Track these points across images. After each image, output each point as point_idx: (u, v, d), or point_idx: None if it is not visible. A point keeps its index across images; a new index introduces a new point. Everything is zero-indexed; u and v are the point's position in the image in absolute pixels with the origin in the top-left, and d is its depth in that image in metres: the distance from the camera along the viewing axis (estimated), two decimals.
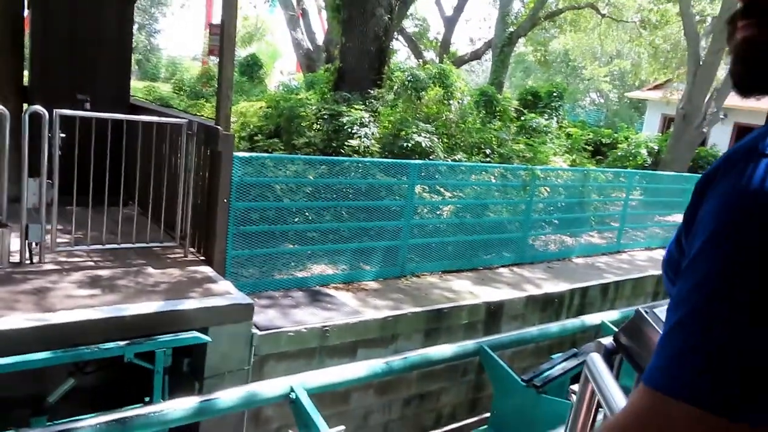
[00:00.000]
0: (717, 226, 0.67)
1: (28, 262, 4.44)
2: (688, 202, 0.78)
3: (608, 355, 1.25)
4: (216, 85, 15.39)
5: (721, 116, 14.80)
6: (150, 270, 4.76)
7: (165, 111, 6.86)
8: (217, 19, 32.07)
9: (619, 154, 12.19)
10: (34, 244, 4.44)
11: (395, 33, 12.89)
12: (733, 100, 15.40)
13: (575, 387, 1.40)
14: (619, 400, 1.08)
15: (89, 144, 4.74)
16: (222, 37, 5.03)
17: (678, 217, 10.61)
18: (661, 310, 1.21)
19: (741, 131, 19.75)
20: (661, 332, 1.19)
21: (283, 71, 31.91)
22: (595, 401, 1.26)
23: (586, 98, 37.09)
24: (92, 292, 4.13)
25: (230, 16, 5.05)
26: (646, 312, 1.21)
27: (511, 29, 16.11)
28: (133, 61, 7.55)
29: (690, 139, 13.66)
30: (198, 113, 10.04)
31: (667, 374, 0.67)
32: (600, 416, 1.53)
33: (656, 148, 14.29)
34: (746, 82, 0.79)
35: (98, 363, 3.74)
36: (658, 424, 0.66)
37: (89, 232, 4.82)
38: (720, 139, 18.21)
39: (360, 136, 7.53)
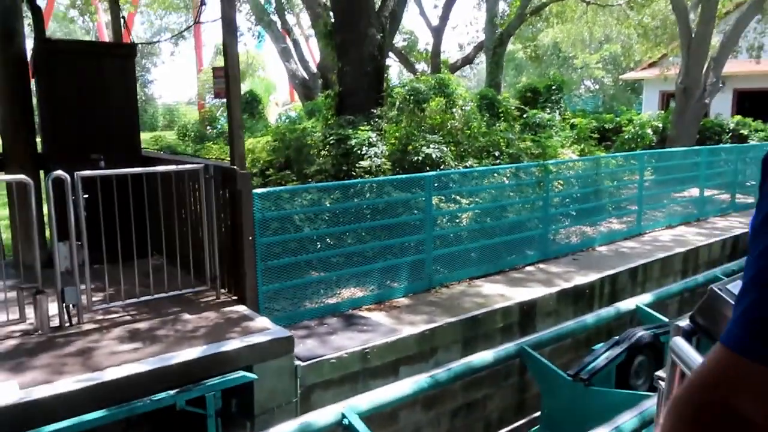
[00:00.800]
0: None
1: (67, 324, 4.52)
2: (763, 169, 0.82)
3: (687, 337, 1.28)
4: (218, 126, 15.62)
5: (720, 85, 14.76)
6: (186, 316, 4.83)
7: (178, 158, 6.98)
8: (207, 62, 32.60)
9: (626, 137, 12.18)
10: (71, 306, 4.53)
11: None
12: (729, 67, 15.37)
13: (660, 373, 1.42)
14: None
15: (112, 201, 4.85)
16: (227, 80, 5.13)
17: (693, 191, 10.58)
18: (734, 285, 1.24)
19: (741, 97, 19.66)
20: None
21: (278, 103, 32.27)
22: None
23: (581, 87, 37.06)
24: (135, 345, 4.20)
25: (233, 59, 5.17)
26: (720, 290, 1.24)
27: (501, 30, 16.20)
28: None
29: (693, 112, 13.63)
30: (207, 156, 10.18)
31: (735, 334, 0.72)
32: None
33: (660, 126, 14.25)
34: None
35: (150, 415, 3.79)
36: (729, 380, 0.71)
37: (122, 287, 4.90)
38: (722, 108, 18.12)
39: (370, 156, 7.60)
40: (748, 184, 11.55)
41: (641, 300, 6.35)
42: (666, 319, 5.96)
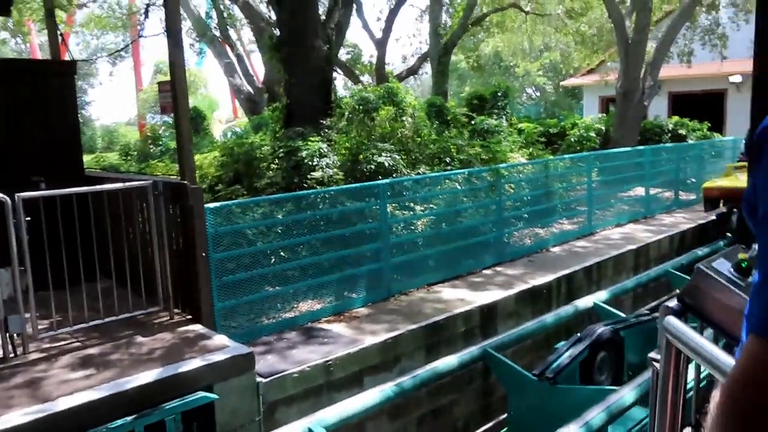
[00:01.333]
0: None
1: (12, 355, 4.25)
2: (753, 151, 0.80)
3: (677, 316, 1.27)
4: (161, 144, 15.22)
5: (657, 88, 15.38)
6: (140, 339, 4.62)
7: (124, 176, 6.73)
8: (147, 82, 31.90)
9: (572, 140, 12.51)
10: (15, 335, 4.26)
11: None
12: (663, 72, 16.03)
13: (654, 354, 1.41)
14: (713, 349, 1.10)
15: (56, 223, 4.61)
16: (174, 94, 4.98)
17: (639, 191, 10.93)
18: (719, 263, 1.24)
19: (675, 99, 20.53)
20: (724, 283, 1.22)
21: (221, 120, 31.83)
22: (682, 360, 1.27)
23: (523, 95, 37.98)
24: (86, 372, 3.98)
25: (179, 73, 5.02)
26: (706, 268, 1.24)
27: (445, 40, 16.43)
28: None
29: (634, 114, 14.13)
30: (153, 174, 9.88)
31: (766, 320, 0.69)
32: (691, 371, 1.55)
33: (603, 128, 14.70)
34: None
35: None
36: (763, 365, 0.67)
37: (70, 312, 4.65)
38: (659, 110, 18.85)
39: (322, 167, 7.52)
40: (689, 181, 12.01)
41: (598, 297, 6.48)
42: (623, 315, 6.09)
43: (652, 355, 1.40)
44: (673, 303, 1.31)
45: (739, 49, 16.57)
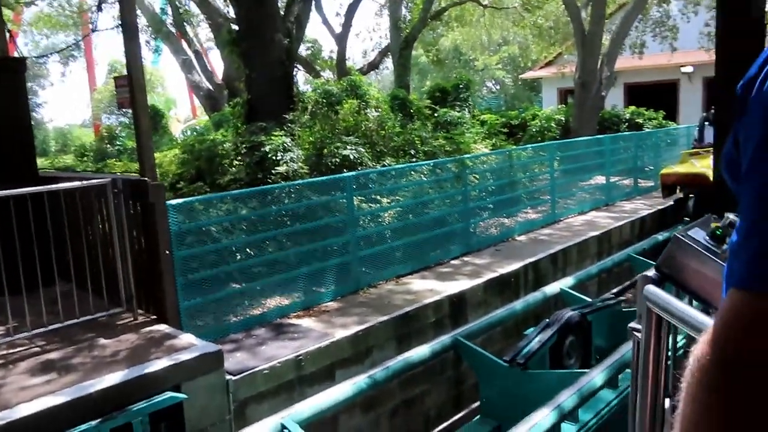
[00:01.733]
0: (766, 128, 0.69)
1: None
2: (737, 105, 0.79)
3: (656, 285, 1.27)
4: (119, 143, 14.82)
5: (614, 79, 15.70)
6: (103, 341, 4.47)
7: (81, 175, 6.52)
8: (101, 81, 31.03)
9: (534, 130, 12.65)
10: None
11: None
12: (620, 63, 16.37)
13: (634, 324, 1.40)
14: (696, 314, 1.09)
15: (10, 226, 4.42)
16: (131, 88, 4.83)
17: (599, 179, 11.13)
18: (695, 232, 1.25)
19: (631, 90, 21.01)
20: (700, 251, 1.22)
21: (179, 119, 31.24)
22: (665, 327, 1.27)
23: (483, 88, 38.30)
24: (47, 377, 3.83)
25: (136, 67, 4.87)
26: (683, 236, 1.24)
27: (405, 33, 16.43)
28: None
29: (592, 104, 14.39)
30: (111, 172, 9.62)
31: (754, 272, 0.68)
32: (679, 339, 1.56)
33: (563, 119, 14.93)
34: None
35: None
36: (754, 321, 0.66)
37: (27, 317, 4.47)
38: (615, 100, 19.26)
39: (286, 162, 7.43)
40: (646, 169, 12.29)
41: (564, 283, 6.56)
42: (589, 299, 6.18)
43: (633, 325, 1.40)
44: (650, 272, 1.31)
45: (689, 40, 17.06)
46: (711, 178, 8.28)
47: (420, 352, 4.90)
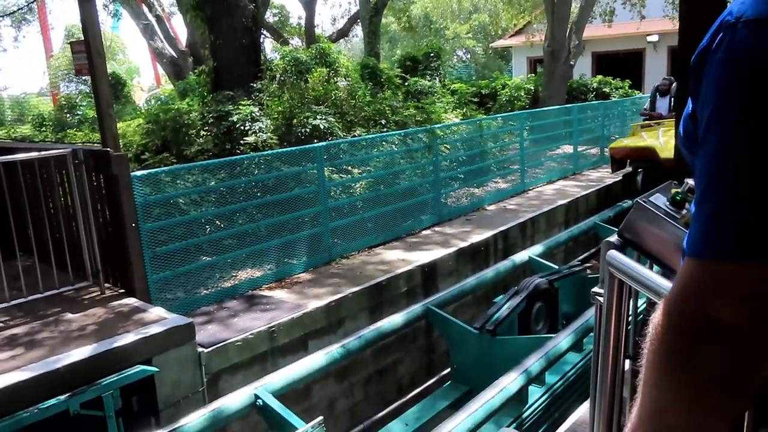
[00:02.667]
0: (719, 95, 0.71)
1: None
2: (691, 78, 0.79)
3: (618, 251, 1.29)
4: (79, 113, 14.35)
5: (582, 48, 15.75)
6: (69, 316, 4.39)
7: (39, 146, 6.31)
8: (58, 48, 29.86)
9: (504, 99, 12.66)
10: None
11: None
12: (588, 32, 16.42)
13: (597, 289, 1.43)
14: (656, 278, 1.11)
15: None
16: (89, 53, 4.65)
17: (567, 148, 11.23)
18: (656, 198, 1.26)
19: (599, 59, 21.14)
20: (661, 216, 1.24)
21: (143, 87, 30.36)
22: (626, 291, 1.29)
23: (454, 57, 38.08)
24: (12, 353, 3.75)
25: (93, 31, 4.69)
26: (644, 202, 1.25)
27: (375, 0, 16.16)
28: None
29: (561, 73, 14.43)
30: (71, 143, 9.34)
31: (701, 241, 0.70)
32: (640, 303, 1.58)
33: (532, 88, 14.97)
34: None
35: (42, 425, 3.41)
36: (703, 287, 0.69)
37: None
38: (584, 69, 19.36)
39: (255, 132, 7.30)
40: (613, 138, 12.43)
41: (533, 251, 6.66)
42: (556, 267, 6.29)
43: (596, 290, 1.42)
44: (613, 238, 1.33)
45: (654, 9, 17.18)
46: (659, 153, 8.11)
47: (392, 321, 4.94)
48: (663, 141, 8.46)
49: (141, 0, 16.52)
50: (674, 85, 9.57)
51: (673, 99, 9.71)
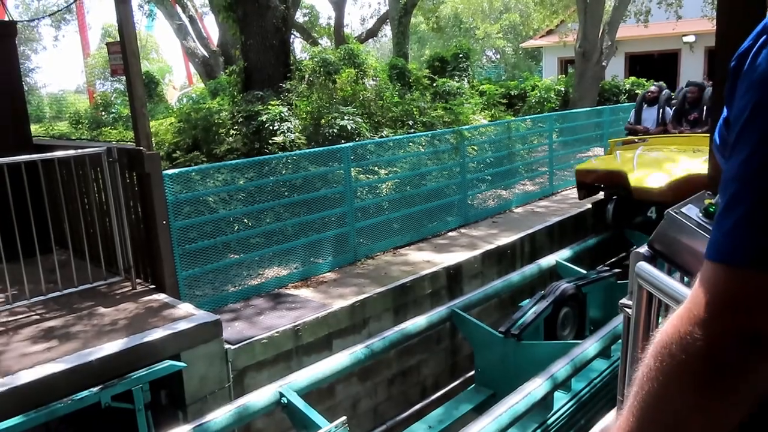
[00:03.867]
0: (757, 99, 0.68)
1: None
2: (728, 80, 0.78)
3: (648, 262, 1.28)
4: (114, 111, 14.67)
5: (615, 48, 15.53)
6: (102, 310, 4.51)
7: (76, 144, 6.47)
8: (95, 46, 30.46)
9: (533, 101, 12.56)
10: None
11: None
12: (620, 32, 16.17)
13: (625, 300, 1.41)
14: (685, 291, 1.10)
15: (5, 194, 4.40)
16: (125, 55, 4.76)
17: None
18: (688, 209, 1.24)
19: (632, 60, 20.80)
20: (692, 227, 1.22)
21: (175, 86, 30.83)
22: (655, 304, 1.28)
23: (483, 57, 37.85)
24: (48, 345, 3.87)
25: (129, 33, 4.79)
26: (676, 213, 1.23)
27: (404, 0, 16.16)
28: None
29: (593, 74, 14.25)
30: (106, 141, 9.55)
31: (731, 245, 0.66)
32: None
33: (563, 89, 14.81)
34: None
35: (75, 416, 3.51)
36: (741, 300, 0.65)
37: (26, 285, 4.49)
38: (616, 71, 19.07)
39: (283, 132, 7.38)
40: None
41: (560, 255, 6.60)
42: (584, 271, 6.22)
43: (624, 301, 1.41)
44: (643, 249, 1.32)
45: (692, 9, 16.82)
46: (629, 178, 6.72)
47: (417, 322, 4.95)
48: (637, 163, 7.05)
49: (175, 1, 16.79)
50: (664, 92, 8.66)
51: (662, 110, 8.42)
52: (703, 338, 0.65)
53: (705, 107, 7.94)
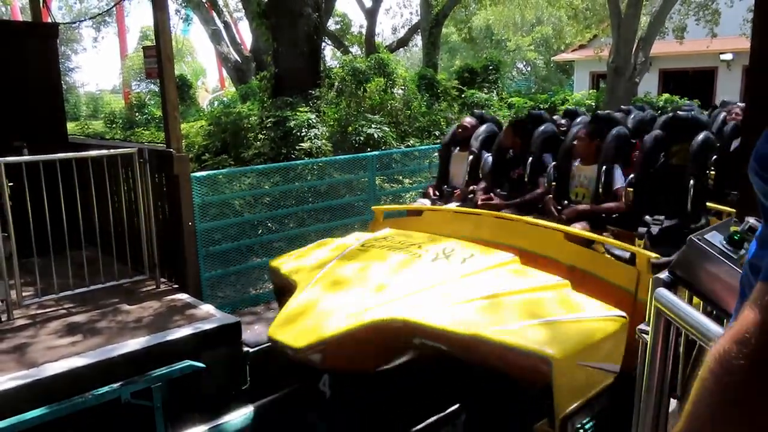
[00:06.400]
0: None
1: None
2: None
3: (668, 288, 1.27)
4: (147, 112, 14.99)
5: (648, 65, 15.33)
6: (126, 307, 4.60)
7: (109, 143, 6.63)
8: (132, 48, 31.17)
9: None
10: (0, 302, 4.23)
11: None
12: (655, 48, 15.97)
13: (643, 326, 1.41)
14: (707, 322, 1.09)
15: (40, 189, 4.53)
16: (159, 58, 4.88)
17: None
18: (711, 236, 1.23)
19: (666, 77, 20.49)
20: (716, 255, 1.21)
21: (208, 89, 31.34)
22: (673, 331, 1.27)
23: (513, 69, 37.71)
24: (73, 339, 3.96)
25: (165, 38, 4.91)
26: (698, 240, 1.23)
27: (436, 10, 16.22)
28: None
29: (625, 90, 14.08)
30: (138, 141, 9.76)
31: None
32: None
33: (594, 104, 14.67)
34: None
35: (95, 410, 3.58)
36: None
37: (55, 279, 4.61)
38: (649, 87, 18.81)
39: (310, 138, 7.46)
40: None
41: None
42: None
43: (641, 327, 1.40)
44: (664, 275, 1.31)
45: (730, 26, 16.53)
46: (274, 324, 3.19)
47: None
48: (306, 288, 3.56)
49: (211, 6, 17.11)
50: (484, 127, 5.25)
51: (476, 157, 5.08)
52: (748, 356, 0.65)
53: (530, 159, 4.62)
